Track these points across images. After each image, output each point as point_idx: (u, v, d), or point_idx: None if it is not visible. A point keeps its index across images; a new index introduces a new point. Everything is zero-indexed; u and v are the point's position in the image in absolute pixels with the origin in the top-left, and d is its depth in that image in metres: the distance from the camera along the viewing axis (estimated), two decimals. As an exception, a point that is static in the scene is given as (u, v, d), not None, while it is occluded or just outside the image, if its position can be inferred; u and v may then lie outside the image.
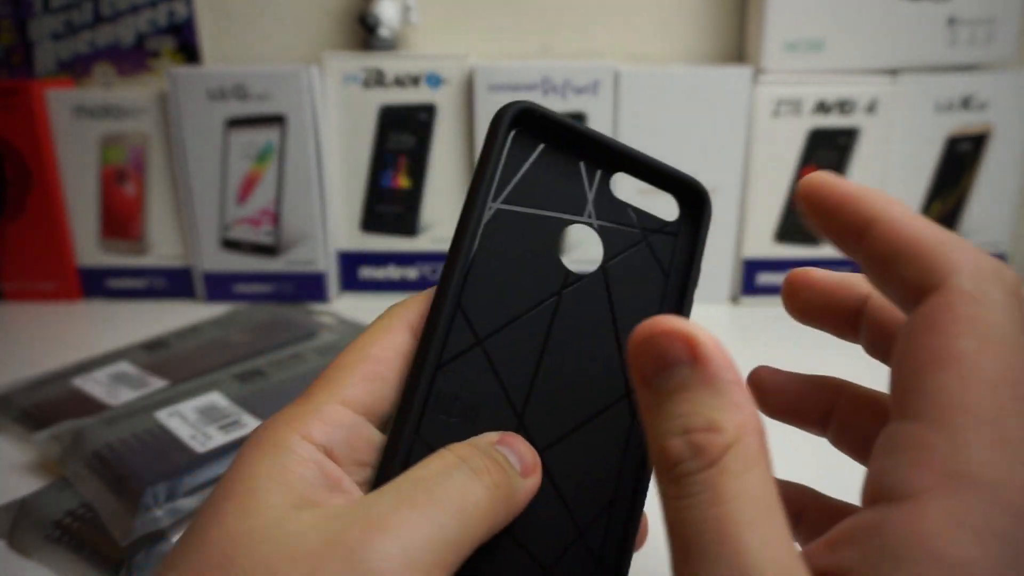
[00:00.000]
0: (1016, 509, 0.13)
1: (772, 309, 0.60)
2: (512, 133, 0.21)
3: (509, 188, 0.20)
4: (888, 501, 0.14)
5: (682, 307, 0.22)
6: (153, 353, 0.48)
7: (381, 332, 0.20)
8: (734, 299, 0.62)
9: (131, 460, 0.33)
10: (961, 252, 0.15)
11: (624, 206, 0.22)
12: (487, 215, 0.20)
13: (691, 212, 0.24)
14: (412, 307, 0.21)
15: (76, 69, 0.63)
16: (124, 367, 0.46)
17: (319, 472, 0.18)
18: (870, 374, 0.24)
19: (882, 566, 0.13)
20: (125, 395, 0.42)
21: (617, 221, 0.22)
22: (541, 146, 0.21)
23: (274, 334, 0.50)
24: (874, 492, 0.15)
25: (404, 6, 0.60)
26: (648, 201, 0.25)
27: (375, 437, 0.19)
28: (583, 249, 0.52)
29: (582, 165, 0.22)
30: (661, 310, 0.22)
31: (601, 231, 0.22)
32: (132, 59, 0.62)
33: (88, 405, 0.41)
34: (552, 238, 0.21)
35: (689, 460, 0.15)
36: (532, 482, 0.19)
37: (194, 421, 0.36)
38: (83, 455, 0.34)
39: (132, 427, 0.36)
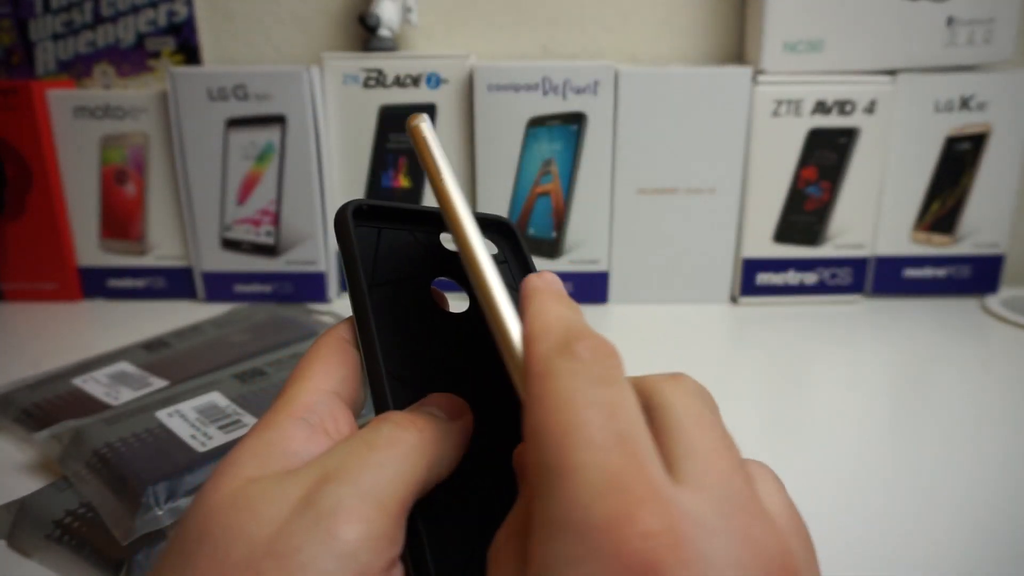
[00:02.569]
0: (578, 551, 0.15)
1: (772, 309, 0.60)
2: (356, 227, 0.24)
3: (373, 269, 0.25)
4: None
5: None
6: (153, 353, 0.48)
7: (329, 334, 0.23)
8: (734, 299, 0.62)
9: (131, 460, 0.33)
10: (536, 335, 0.19)
11: (455, 255, 0.26)
12: (370, 299, 0.24)
13: (508, 241, 0.28)
14: (343, 327, 0.24)
15: (76, 69, 0.63)
16: (124, 367, 0.46)
17: (308, 445, 0.20)
18: (862, 374, 0.24)
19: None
20: (125, 395, 0.42)
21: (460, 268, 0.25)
22: (378, 229, 0.25)
23: (274, 334, 0.50)
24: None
25: (404, 6, 0.60)
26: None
27: (351, 416, 0.22)
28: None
29: (415, 233, 0.26)
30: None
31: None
32: (132, 59, 0.62)
33: (88, 405, 0.41)
34: (424, 294, 0.25)
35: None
36: (462, 423, 0.22)
37: (194, 421, 0.37)
38: (83, 455, 0.34)
39: (132, 427, 0.36)
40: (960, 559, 0.31)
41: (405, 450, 0.20)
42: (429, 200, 0.61)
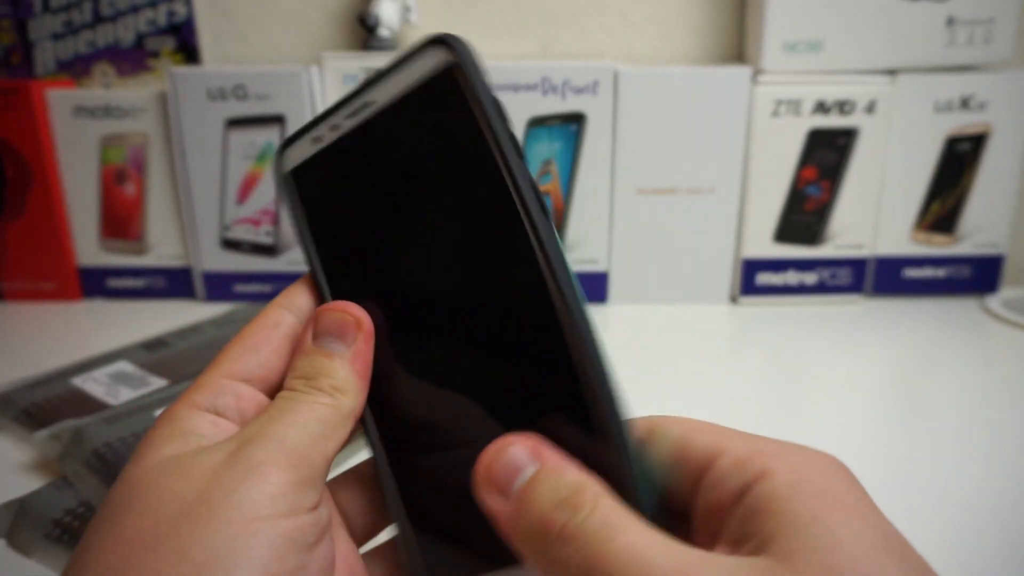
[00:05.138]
0: None
1: (772, 309, 0.60)
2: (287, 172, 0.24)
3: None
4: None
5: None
6: (153, 353, 0.48)
7: (258, 314, 0.24)
8: (733, 299, 0.62)
9: (131, 459, 0.33)
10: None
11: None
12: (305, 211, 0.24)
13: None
14: (286, 290, 0.24)
15: (76, 69, 0.63)
16: (124, 367, 0.46)
17: (215, 428, 0.21)
18: (862, 374, 0.24)
19: None
20: (125, 394, 0.42)
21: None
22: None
23: (274, 334, 0.50)
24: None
25: (404, 6, 0.60)
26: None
27: (260, 398, 0.22)
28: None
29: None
30: None
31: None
32: (132, 59, 0.62)
33: (88, 404, 0.41)
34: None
35: (572, 516, 0.17)
36: (361, 343, 0.22)
37: (194, 420, 0.36)
38: (83, 454, 0.34)
39: (132, 426, 0.36)
40: (961, 559, 0.31)
41: (320, 411, 0.21)
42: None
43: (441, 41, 0.20)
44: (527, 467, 0.18)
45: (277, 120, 0.57)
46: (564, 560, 0.17)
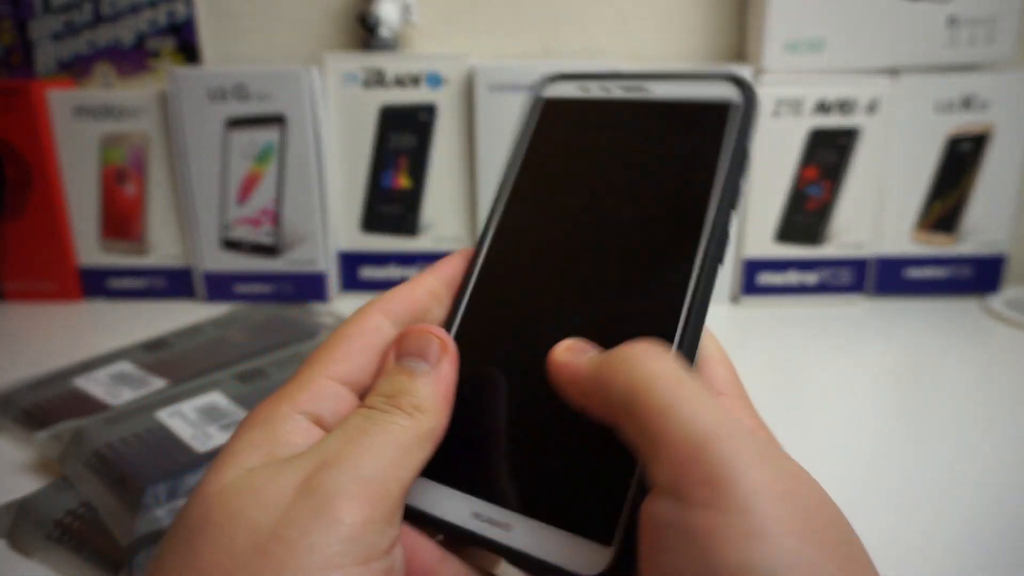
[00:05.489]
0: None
1: (772, 309, 0.60)
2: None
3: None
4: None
5: None
6: (153, 353, 0.48)
7: (357, 316, 0.23)
8: (734, 299, 0.62)
9: (132, 460, 0.33)
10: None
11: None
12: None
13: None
14: (385, 296, 0.23)
15: (76, 69, 0.63)
16: (124, 367, 0.46)
17: (309, 438, 0.20)
18: (863, 374, 0.24)
19: None
20: (125, 395, 0.42)
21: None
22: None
23: (274, 334, 0.50)
24: None
25: (404, 6, 0.60)
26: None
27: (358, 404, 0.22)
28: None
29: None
30: None
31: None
32: (132, 59, 0.62)
33: (88, 405, 0.41)
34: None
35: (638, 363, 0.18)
36: (445, 367, 0.22)
37: (195, 421, 0.36)
38: (83, 455, 0.34)
39: (132, 427, 0.36)
40: (962, 559, 0.31)
41: (398, 433, 0.20)
42: (432, 200, 0.61)
43: (739, 81, 0.23)
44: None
45: (277, 120, 0.57)
46: (611, 378, 0.18)
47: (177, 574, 0.17)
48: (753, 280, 0.61)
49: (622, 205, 0.23)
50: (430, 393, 0.21)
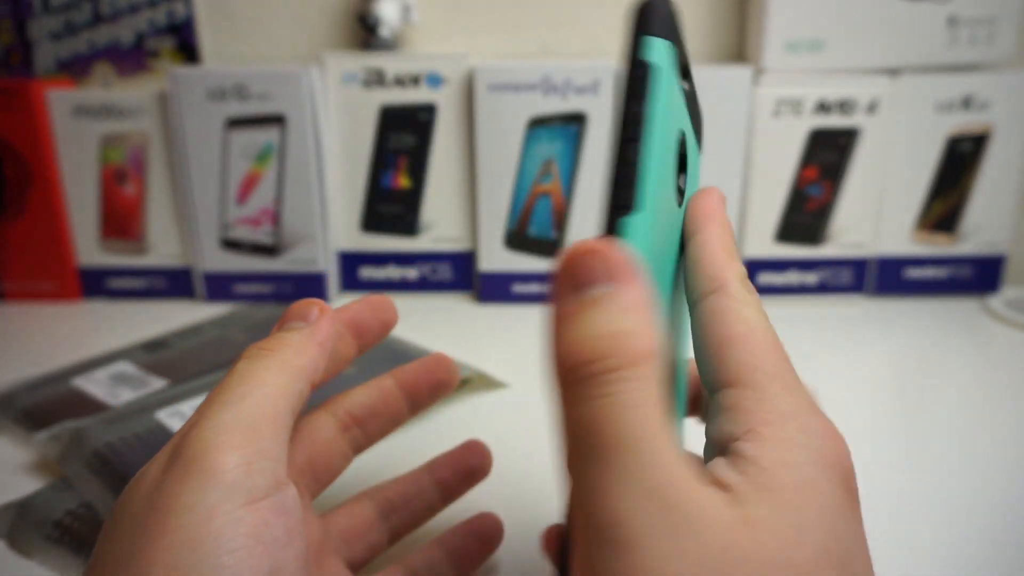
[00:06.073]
0: (806, 427, 0.18)
1: (772, 309, 0.60)
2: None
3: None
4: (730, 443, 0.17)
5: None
6: (153, 353, 0.47)
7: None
8: (734, 299, 0.62)
9: (132, 460, 0.33)
10: (731, 268, 0.20)
11: None
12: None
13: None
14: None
15: (76, 69, 0.63)
16: (124, 367, 0.46)
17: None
18: (863, 374, 0.24)
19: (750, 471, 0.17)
20: (125, 395, 0.42)
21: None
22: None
23: (274, 334, 0.50)
24: (718, 442, 0.18)
25: (404, 6, 0.60)
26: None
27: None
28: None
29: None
30: None
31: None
32: (132, 59, 0.62)
33: (88, 405, 0.41)
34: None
35: (608, 359, 0.16)
36: (321, 324, 0.23)
37: (194, 421, 0.36)
38: (83, 455, 0.34)
39: (132, 427, 0.36)
40: (962, 560, 0.31)
41: (262, 373, 0.20)
42: (432, 200, 0.61)
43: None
44: (599, 284, 0.17)
45: (277, 120, 0.57)
46: (576, 400, 0.16)
47: None
48: (753, 280, 0.60)
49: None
50: (303, 336, 0.22)
